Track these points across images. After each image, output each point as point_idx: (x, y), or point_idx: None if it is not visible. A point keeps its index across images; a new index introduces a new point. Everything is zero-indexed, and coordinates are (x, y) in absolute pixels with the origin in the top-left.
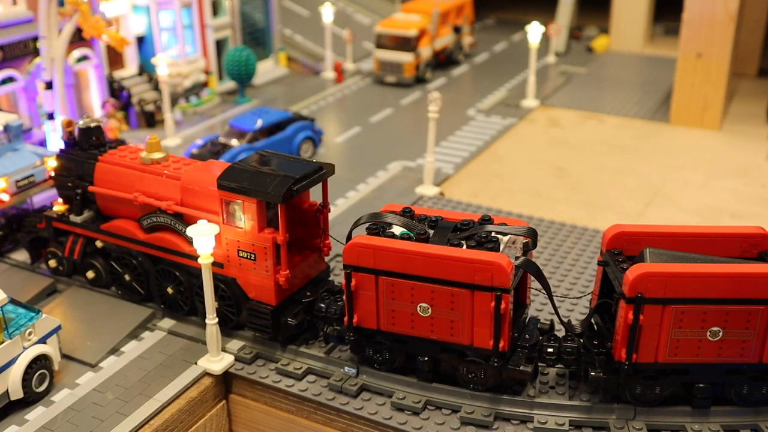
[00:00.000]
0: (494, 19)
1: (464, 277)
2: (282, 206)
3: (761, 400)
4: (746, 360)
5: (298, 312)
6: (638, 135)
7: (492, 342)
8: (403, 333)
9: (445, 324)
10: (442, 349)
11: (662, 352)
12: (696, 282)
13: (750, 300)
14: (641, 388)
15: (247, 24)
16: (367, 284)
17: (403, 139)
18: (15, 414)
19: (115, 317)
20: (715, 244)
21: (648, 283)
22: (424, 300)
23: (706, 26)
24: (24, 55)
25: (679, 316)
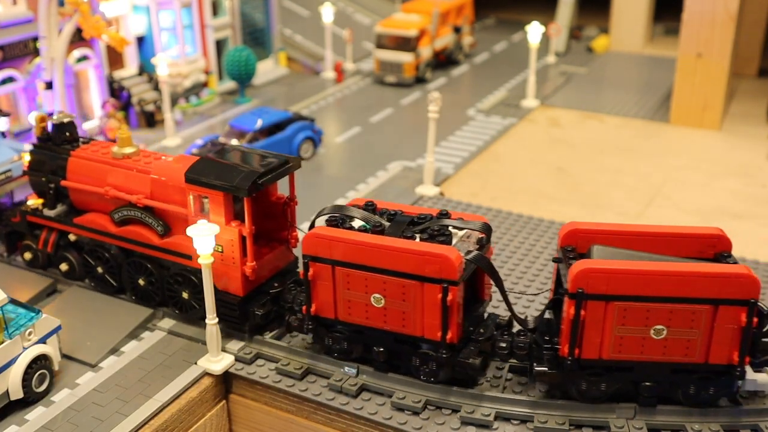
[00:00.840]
0: (494, 19)
1: (414, 268)
2: (248, 199)
3: (708, 400)
4: (692, 360)
5: (265, 303)
6: (638, 135)
7: (440, 333)
8: (358, 323)
9: (397, 315)
10: (396, 339)
11: (606, 348)
12: (638, 280)
13: (694, 299)
14: (586, 384)
15: (247, 24)
16: (324, 274)
17: (403, 139)
18: (15, 414)
19: (115, 317)
20: (671, 244)
21: (589, 280)
22: (377, 291)
23: (706, 26)
24: (24, 55)
25: (621, 313)
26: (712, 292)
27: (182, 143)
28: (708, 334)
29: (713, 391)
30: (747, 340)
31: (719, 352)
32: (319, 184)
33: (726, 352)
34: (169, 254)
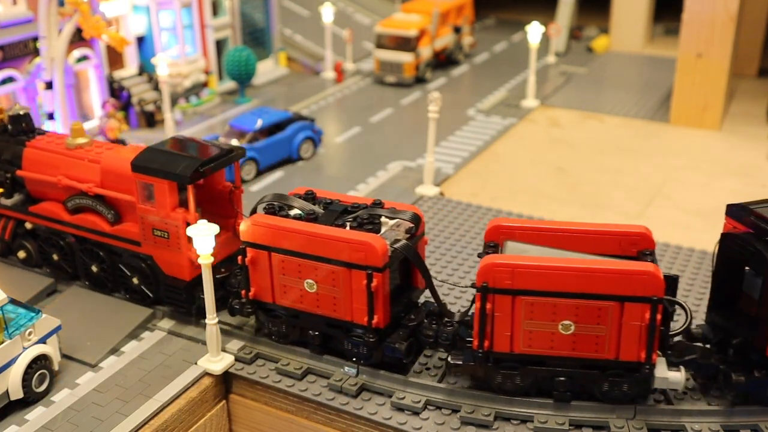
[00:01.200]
0: (494, 19)
1: (341, 255)
2: (191, 187)
3: (622, 397)
4: (602, 356)
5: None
6: (638, 135)
7: (367, 318)
8: (294, 307)
9: (328, 300)
10: (328, 324)
11: (517, 342)
12: (543, 275)
13: (599, 296)
14: (501, 377)
15: (247, 24)
16: (261, 260)
17: (403, 139)
18: (15, 414)
19: (115, 317)
20: (594, 242)
21: (495, 274)
22: (310, 276)
23: (706, 26)
24: (24, 55)
25: (529, 307)
26: (616, 289)
27: None
28: (616, 331)
29: (627, 388)
30: (653, 338)
31: (628, 349)
32: (319, 184)
33: (635, 349)
34: (119, 241)
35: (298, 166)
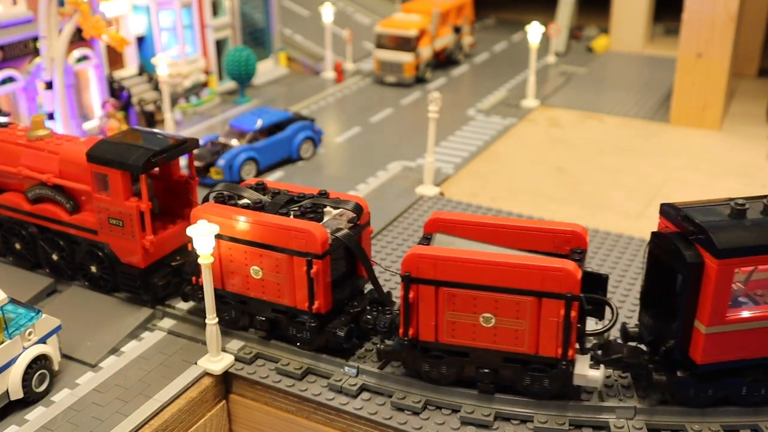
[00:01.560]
0: (494, 19)
1: (283, 243)
2: (143, 176)
3: (543, 393)
4: (522, 350)
5: (166, 274)
6: (638, 135)
7: (308, 304)
8: (241, 293)
9: (272, 286)
10: (274, 309)
11: (441, 332)
12: (463, 267)
13: (518, 290)
14: (428, 366)
15: (247, 24)
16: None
17: (403, 139)
18: (15, 414)
19: (115, 317)
20: (529, 239)
21: (418, 264)
22: (255, 263)
23: (706, 26)
24: (24, 55)
25: (451, 299)
26: (533, 284)
27: None
28: (535, 326)
29: (548, 384)
30: (569, 334)
31: (547, 345)
32: (319, 184)
33: (553, 344)
34: (77, 230)
35: (298, 166)
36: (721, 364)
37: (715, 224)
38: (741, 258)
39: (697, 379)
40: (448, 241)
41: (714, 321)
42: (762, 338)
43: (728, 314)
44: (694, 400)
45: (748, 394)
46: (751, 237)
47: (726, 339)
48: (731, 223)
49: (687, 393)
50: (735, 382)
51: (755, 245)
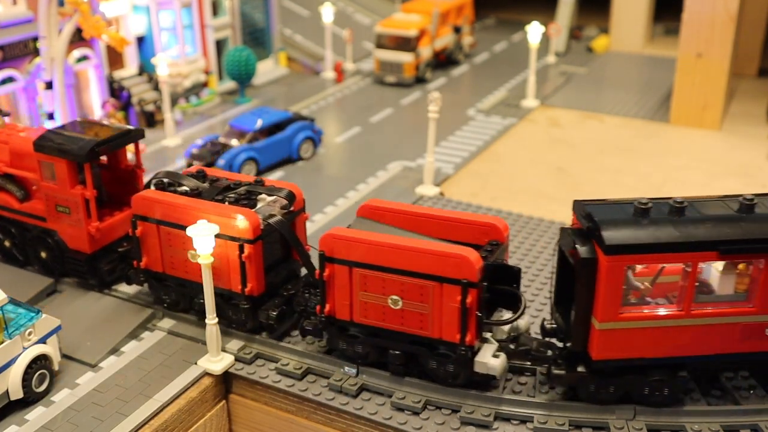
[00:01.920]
0: (494, 19)
1: (219, 228)
2: (87, 165)
3: (446, 377)
4: (427, 334)
5: (113, 260)
6: (638, 135)
7: (241, 286)
8: (181, 277)
9: (211, 269)
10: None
11: (356, 311)
12: (372, 250)
13: (421, 274)
14: (345, 344)
15: (247, 24)
16: (150, 232)
17: (403, 139)
18: (15, 414)
19: (115, 317)
20: (451, 229)
21: (332, 245)
22: (192, 248)
23: (706, 26)
24: (24, 55)
25: (362, 279)
26: (435, 269)
27: (182, 143)
28: (438, 310)
29: (452, 369)
30: (466, 320)
31: (449, 329)
32: (319, 184)
33: (454, 329)
34: (28, 217)
35: (298, 166)
36: (618, 362)
37: (609, 221)
38: (630, 255)
39: (595, 375)
40: (370, 225)
41: (606, 317)
42: (661, 338)
43: (622, 311)
44: (595, 396)
45: (651, 393)
46: (642, 235)
47: (621, 336)
48: (629, 221)
49: (588, 388)
50: (637, 381)
51: (645, 243)
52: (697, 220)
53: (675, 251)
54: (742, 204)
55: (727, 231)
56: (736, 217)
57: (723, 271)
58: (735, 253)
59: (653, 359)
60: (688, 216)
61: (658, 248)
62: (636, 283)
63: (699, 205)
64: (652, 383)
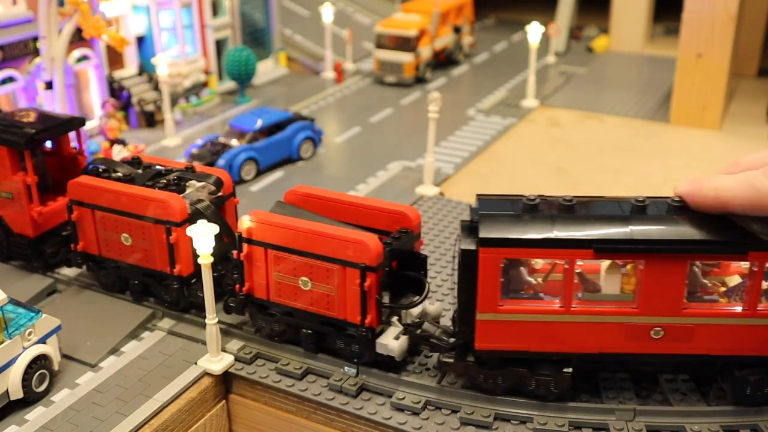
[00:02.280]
0: (494, 19)
1: (146, 212)
2: (27, 152)
3: (352, 356)
4: (333, 314)
5: (55, 243)
6: (638, 135)
7: (170, 268)
8: (114, 258)
9: (141, 252)
10: (144, 273)
11: (271, 291)
12: (284, 233)
13: (327, 258)
14: (263, 321)
15: (247, 24)
16: (86, 217)
17: (403, 139)
18: (15, 414)
19: (115, 317)
20: (367, 216)
21: (252, 228)
22: (124, 231)
23: (706, 26)
24: (24, 55)
25: (276, 260)
26: (338, 253)
27: (182, 143)
28: (343, 293)
29: (357, 348)
30: (365, 303)
31: (352, 311)
32: (319, 184)
33: (356, 311)
34: None
35: (298, 166)
36: (501, 353)
37: (490, 215)
38: (505, 249)
39: (480, 365)
40: (289, 210)
41: (486, 308)
42: (544, 333)
43: (502, 304)
44: (484, 386)
45: (537, 387)
46: (518, 230)
47: (501, 328)
48: (511, 216)
49: (477, 378)
50: (523, 374)
51: (519, 238)
52: (580, 218)
53: (550, 247)
54: (633, 205)
55: (604, 230)
56: (621, 218)
57: (607, 271)
58: (608, 253)
59: (536, 353)
60: (575, 214)
61: (533, 243)
62: (529, 278)
63: (590, 205)
64: (538, 377)
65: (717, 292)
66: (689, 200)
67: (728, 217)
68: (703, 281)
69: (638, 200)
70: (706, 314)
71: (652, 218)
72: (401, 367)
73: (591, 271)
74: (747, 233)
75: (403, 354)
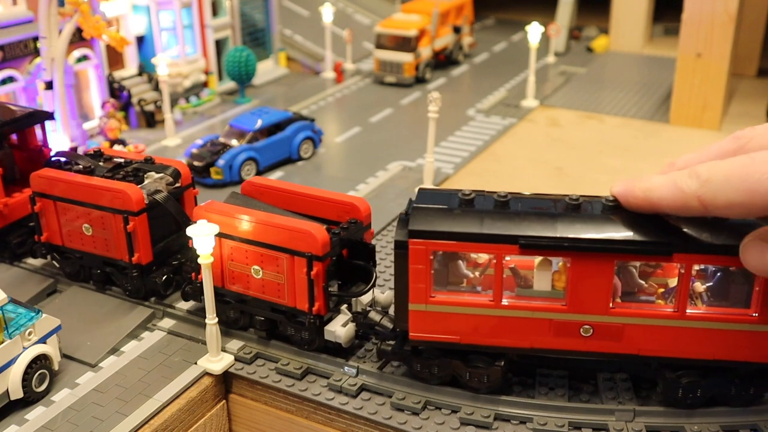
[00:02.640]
0: (494, 19)
1: (105, 202)
2: None
3: (302, 342)
4: (283, 302)
5: (22, 234)
6: (638, 135)
7: (128, 256)
8: (77, 248)
9: (101, 241)
10: (104, 263)
11: (226, 279)
12: (237, 223)
13: (276, 247)
14: (218, 308)
15: (247, 24)
16: (48, 207)
17: (403, 139)
18: (15, 414)
19: (115, 317)
20: (319, 207)
21: (203, 217)
22: (84, 221)
23: (706, 26)
24: (24, 55)
25: (230, 249)
26: (287, 243)
27: (182, 143)
28: (292, 281)
29: (306, 335)
30: (312, 291)
31: (301, 299)
32: (319, 183)
33: (304, 299)
34: None
35: (298, 166)
36: (433, 343)
37: (423, 208)
38: (434, 241)
39: (416, 354)
40: (243, 201)
41: (416, 299)
42: (475, 325)
43: (434, 295)
44: (419, 375)
45: (470, 379)
46: (446, 223)
47: (433, 318)
48: (443, 209)
49: (414, 367)
50: (457, 366)
51: (446, 231)
52: (511, 214)
53: (478, 241)
54: (566, 203)
55: (531, 227)
56: (551, 215)
57: (538, 268)
58: (533, 249)
59: (468, 345)
60: (507, 210)
61: (461, 237)
62: (466, 272)
63: (525, 201)
64: (471, 369)
65: (655, 293)
66: (622, 200)
67: (663, 217)
68: (639, 282)
69: (572, 198)
70: (635, 314)
71: (582, 217)
72: (348, 353)
73: (528, 268)
74: (676, 234)
75: (350, 341)
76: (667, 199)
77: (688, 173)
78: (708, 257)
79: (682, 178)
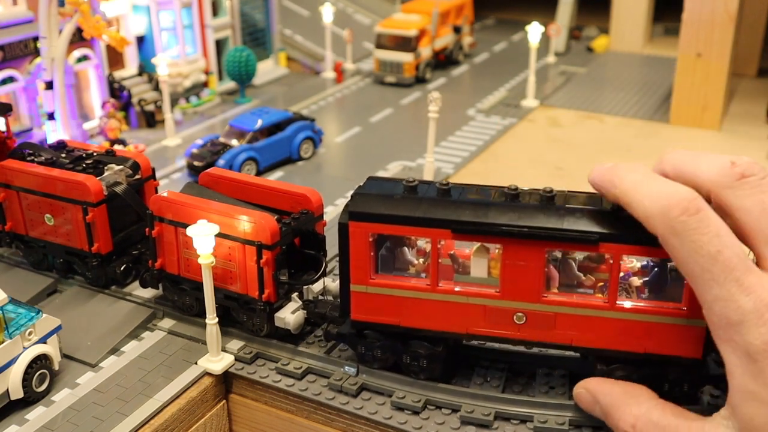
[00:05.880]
0: (494, 19)
1: (65, 192)
2: None
3: (255, 330)
4: (236, 289)
5: None
6: (638, 135)
7: (88, 245)
8: (40, 238)
9: (63, 231)
10: (67, 252)
11: (182, 267)
12: (191, 213)
13: (229, 236)
14: (176, 295)
15: (247, 24)
16: (11, 197)
17: (403, 139)
18: (15, 414)
19: (115, 317)
20: (273, 198)
21: (159, 205)
22: (48, 212)
23: (706, 26)
24: (24, 55)
25: (185, 238)
26: (238, 232)
27: (182, 143)
28: (243, 269)
29: (258, 322)
30: (261, 278)
31: (252, 287)
32: (319, 183)
33: (255, 286)
34: None
35: (298, 166)
36: (373, 325)
37: (365, 193)
38: (372, 223)
39: (360, 336)
40: (199, 191)
41: (357, 280)
42: (414, 309)
43: (374, 277)
44: (364, 358)
45: (411, 362)
46: (385, 207)
47: (374, 300)
48: (384, 195)
49: (358, 349)
50: (396, 348)
51: (383, 213)
52: (449, 201)
53: (413, 225)
54: (505, 193)
55: (464, 213)
56: (486, 203)
57: (475, 254)
58: (464, 234)
59: (408, 329)
60: (447, 198)
61: (397, 220)
62: (411, 257)
63: (466, 190)
64: (410, 353)
65: (594, 286)
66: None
67: (604, 210)
68: (577, 274)
69: (510, 188)
70: (567, 304)
71: (516, 206)
72: (298, 339)
73: (468, 257)
74: (607, 225)
75: (299, 327)
76: (609, 193)
77: (628, 167)
78: (634, 248)
79: (621, 170)
